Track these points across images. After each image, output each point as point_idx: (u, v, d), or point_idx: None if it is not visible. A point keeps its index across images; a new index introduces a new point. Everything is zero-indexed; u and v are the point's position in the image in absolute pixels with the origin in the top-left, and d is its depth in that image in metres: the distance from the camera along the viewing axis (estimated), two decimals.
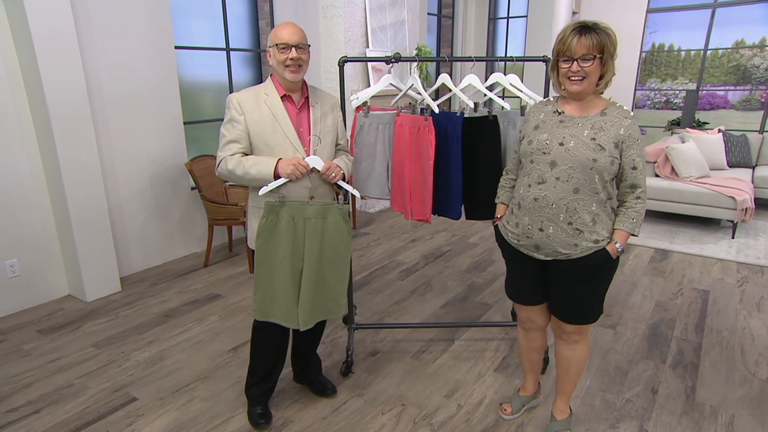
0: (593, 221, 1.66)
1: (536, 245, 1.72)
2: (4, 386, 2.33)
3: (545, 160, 1.66)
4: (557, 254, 1.70)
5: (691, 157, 4.75)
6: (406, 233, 4.58)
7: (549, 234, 1.67)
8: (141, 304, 3.17)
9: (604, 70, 1.60)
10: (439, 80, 2.44)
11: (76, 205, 3.05)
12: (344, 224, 1.89)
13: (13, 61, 2.86)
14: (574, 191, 1.63)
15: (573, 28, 1.57)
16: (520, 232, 1.76)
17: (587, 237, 1.66)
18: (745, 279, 3.57)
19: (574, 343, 1.86)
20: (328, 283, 1.93)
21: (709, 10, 6.31)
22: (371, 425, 2.08)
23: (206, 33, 4.04)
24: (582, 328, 1.82)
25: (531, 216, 1.70)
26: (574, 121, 1.66)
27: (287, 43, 1.78)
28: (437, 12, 7.18)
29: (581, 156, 1.60)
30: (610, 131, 1.62)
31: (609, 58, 1.59)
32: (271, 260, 1.83)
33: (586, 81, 1.59)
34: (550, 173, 1.65)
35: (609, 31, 1.58)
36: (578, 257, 1.68)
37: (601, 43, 1.56)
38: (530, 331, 2.00)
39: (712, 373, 2.45)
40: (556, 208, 1.65)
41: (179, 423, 2.09)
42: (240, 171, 1.79)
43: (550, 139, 1.66)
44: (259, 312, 1.90)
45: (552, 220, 1.66)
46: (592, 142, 1.61)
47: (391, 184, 2.48)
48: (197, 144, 4.09)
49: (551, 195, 1.65)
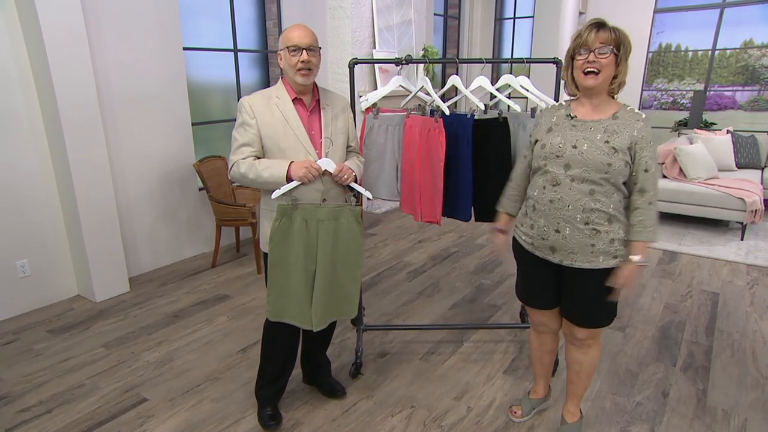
0: (609, 221, 1.65)
1: (552, 247, 1.71)
2: (17, 386, 2.35)
3: (559, 163, 1.66)
4: (573, 261, 1.68)
5: (700, 159, 4.72)
6: (413, 234, 4.58)
7: (566, 235, 1.66)
8: (150, 304, 3.18)
9: (618, 69, 1.60)
10: (449, 82, 2.43)
11: (86, 206, 3.07)
12: (357, 225, 1.90)
13: (24, 62, 2.87)
14: (589, 192, 1.62)
15: (590, 24, 1.59)
16: (535, 233, 1.74)
17: (604, 237, 1.65)
18: (755, 281, 3.54)
19: (586, 347, 1.85)
20: (341, 284, 1.93)
21: (717, 10, 6.27)
22: (381, 427, 2.08)
23: (214, 34, 4.05)
24: (594, 332, 1.82)
25: (547, 218, 1.69)
26: (587, 125, 1.65)
27: (298, 46, 1.77)
28: (443, 12, 7.17)
29: (595, 160, 1.60)
30: (624, 134, 1.61)
31: (624, 57, 1.59)
32: (285, 262, 1.83)
33: (600, 76, 1.58)
34: (564, 175, 1.65)
35: (625, 32, 1.59)
36: (596, 268, 1.67)
37: (618, 39, 1.57)
38: (543, 334, 2.00)
39: (723, 377, 2.44)
40: (572, 209, 1.64)
41: (190, 424, 2.10)
42: (252, 174, 1.80)
43: (563, 142, 1.66)
44: (272, 313, 1.90)
45: (568, 221, 1.65)
46: (606, 146, 1.60)
47: (400, 186, 2.48)
48: (205, 145, 4.11)
49: (567, 197, 1.64)
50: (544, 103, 2.32)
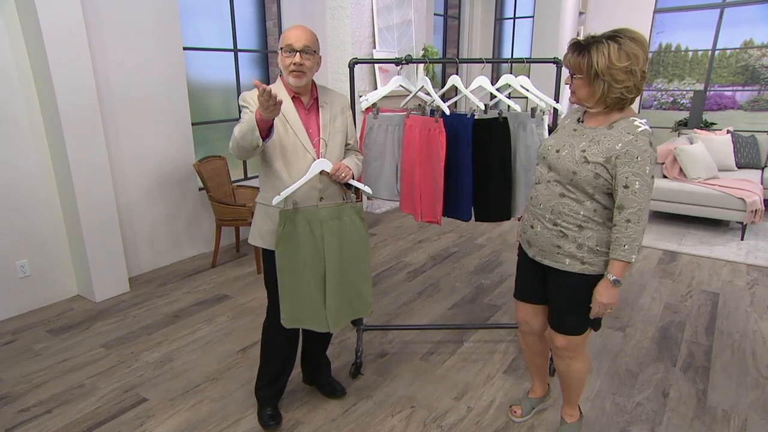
0: (579, 227, 1.63)
1: (528, 241, 1.80)
2: (16, 386, 2.35)
3: (544, 164, 1.73)
4: (543, 258, 1.74)
5: (700, 159, 4.72)
6: (413, 234, 4.58)
7: (537, 232, 1.74)
8: (150, 304, 3.18)
9: (594, 89, 1.52)
10: (449, 82, 2.43)
11: (86, 206, 3.07)
12: (360, 222, 1.90)
13: (24, 62, 2.87)
14: (559, 195, 1.66)
15: (569, 44, 1.57)
16: (521, 226, 1.88)
17: (571, 241, 1.65)
18: (755, 281, 3.54)
19: (567, 359, 1.84)
20: (352, 282, 1.93)
21: (717, 10, 6.27)
22: (381, 427, 2.08)
23: (214, 34, 4.05)
24: (573, 344, 1.79)
25: (528, 213, 1.80)
26: (583, 132, 1.64)
27: (292, 47, 1.76)
28: (443, 12, 7.17)
29: (564, 166, 1.62)
30: (604, 145, 1.55)
31: (596, 78, 1.50)
32: (293, 267, 1.83)
33: (575, 96, 1.60)
34: (545, 175, 1.71)
35: (603, 50, 1.47)
36: (564, 270, 1.69)
37: (583, 64, 1.51)
38: (526, 335, 2.01)
39: (723, 377, 2.44)
40: (543, 208, 1.71)
41: (190, 424, 2.09)
42: (236, 132, 1.71)
43: (553, 144, 1.69)
44: (288, 320, 1.89)
45: (539, 218, 1.72)
46: (580, 155, 1.59)
47: (400, 186, 2.48)
48: (205, 145, 4.10)
49: (541, 195, 1.72)
50: (544, 103, 2.32)
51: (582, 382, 1.90)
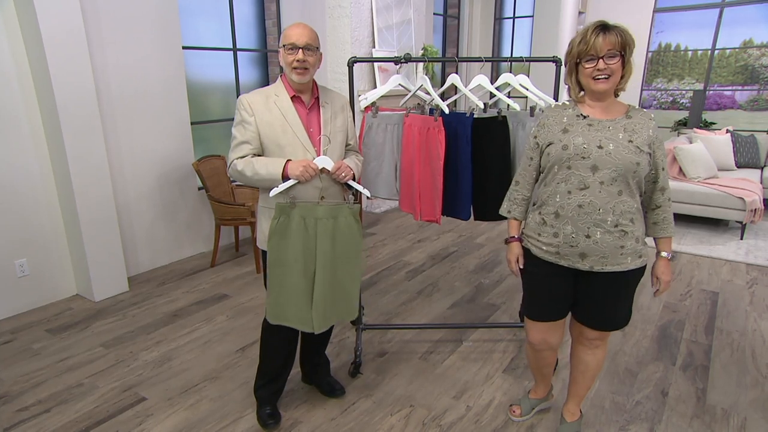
0: (633, 221, 1.62)
1: (582, 253, 1.63)
2: (15, 385, 2.35)
3: (585, 165, 1.58)
4: (604, 266, 1.63)
5: (699, 158, 4.72)
6: (413, 233, 4.58)
7: (597, 240, 1.60)
8: (149, 303, 3.18)
9: (625, 70, 1.59)
10: (448, 81, 2.43)
11: (85, 205, 3.06)
12: (355, 224, 1.89)
13: (23, 62, 2.87)
14: (618, 194, 1.58)
15: (594, 28, 1.55)
16: (561, 242, 1.65)
17: (630, 237, 1.62)
18: (754, 280, 3.54)
19: (595, 348, 1.85)
20: (341, 283, 1.92)
21: (716, 10, 6.27)
22: (380, 426, 2.08)
23: (213, 33, 4.05)
24: (605, 333, 1.81)
25: (575, 223, 1.62)
26: (604, 125, 1.61)
27: (294, 45, 1.77)
28: (443, 12, 7.17)
29: (624, 159, 1.56)
30: (642, 133, 1.60)
31: (629, 57, 1.58)
32: (283, 262, 1.82)
33: (611, 79, 1.56)
34: (592, 178, 1.58)
35: (628, 31, 1.57)
36: (621, 271, 1.65)
37: (623, 41, 1.55)
38: (542, 351, 1.92)
39: (723, 376, 2.43)
40: (603, 212, 1.58)
41: (188, 423, 2.09)
42: (249, 172, 1.79)
43: (587, 142, 1.58)
44: (271, 315, 1.89)
45: (599, 225, 1.59)
46: (631, 145, 1.57)
47: (399, 185, 2.48)
48: (204, 144, 4.10)
49: (597, 200, 1.58)
50: (543, 102, 2.32)
51: (598, 373, 1.92)
